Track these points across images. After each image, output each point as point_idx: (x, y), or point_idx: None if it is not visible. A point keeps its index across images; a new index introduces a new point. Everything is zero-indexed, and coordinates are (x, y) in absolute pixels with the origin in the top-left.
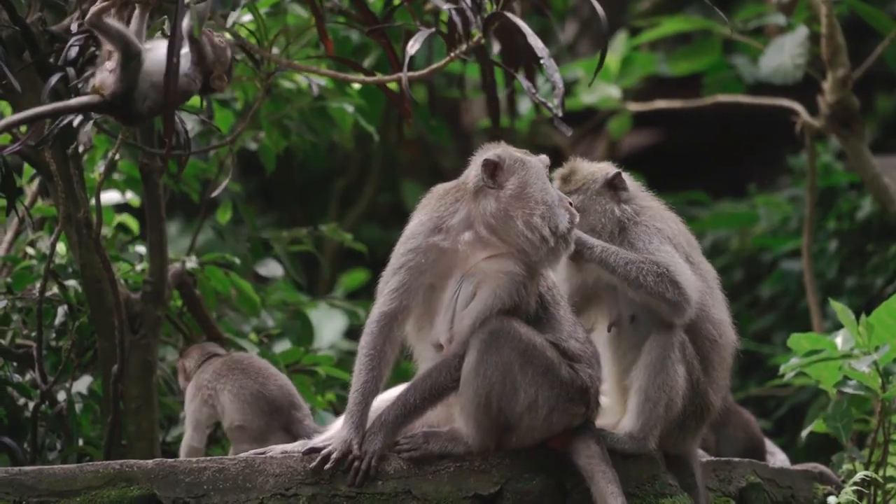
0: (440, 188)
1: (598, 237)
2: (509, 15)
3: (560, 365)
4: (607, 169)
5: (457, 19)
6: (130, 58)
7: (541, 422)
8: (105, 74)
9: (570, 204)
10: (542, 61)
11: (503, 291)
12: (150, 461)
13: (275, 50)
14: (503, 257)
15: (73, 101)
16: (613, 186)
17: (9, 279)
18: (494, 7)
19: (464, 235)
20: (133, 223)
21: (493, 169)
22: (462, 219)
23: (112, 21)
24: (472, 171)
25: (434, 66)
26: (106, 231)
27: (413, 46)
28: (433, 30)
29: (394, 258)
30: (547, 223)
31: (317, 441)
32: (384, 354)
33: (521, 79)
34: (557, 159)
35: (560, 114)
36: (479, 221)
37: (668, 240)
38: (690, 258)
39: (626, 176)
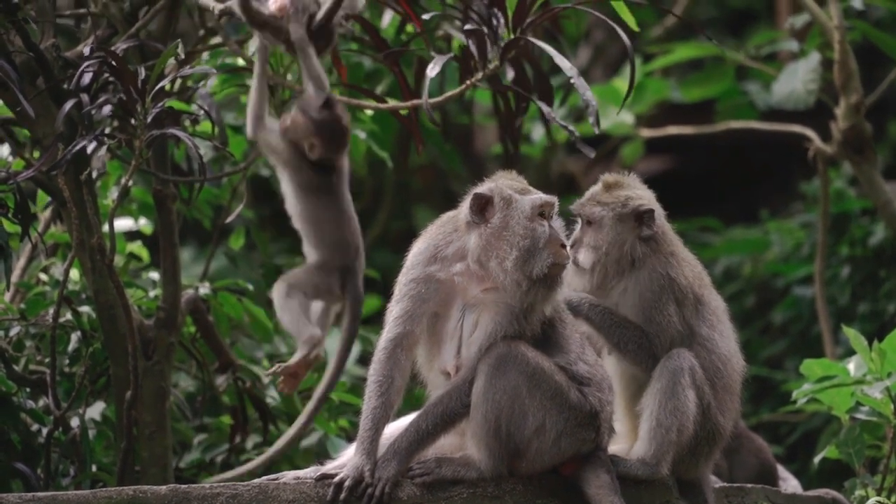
0: (444, 216)
1: (599, 259)
2: (531, 38)
3: (569, 389)
4: (643, 201)
5: (473, 47)
6: None
7: (549, 446)
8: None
9: (563, 246)
10: (572, 81)
11: (504, 320)
12: (163, 487)
13: (288, 76)
14: (498, 290)
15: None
16: (639, 220)
17: (22, 305)
18: (511, 35)
19: (456, 266)
20: (144, 253)
21: (482, 203)
22: (455, 250)
23: None
24: (466, 203)
25: (449, 93)
26: (118, 259)
27: (433, 70)
28: (451, 55)
29: (397, 288)
30: (520, 268)
31: (329, 467)
32: (393, 381)
33: (538, 103)
34: (570, 186)
35: (597, 130)
36: (470, 254)
37: (677, 293)
38: (700, 300)
39: (660, 217)
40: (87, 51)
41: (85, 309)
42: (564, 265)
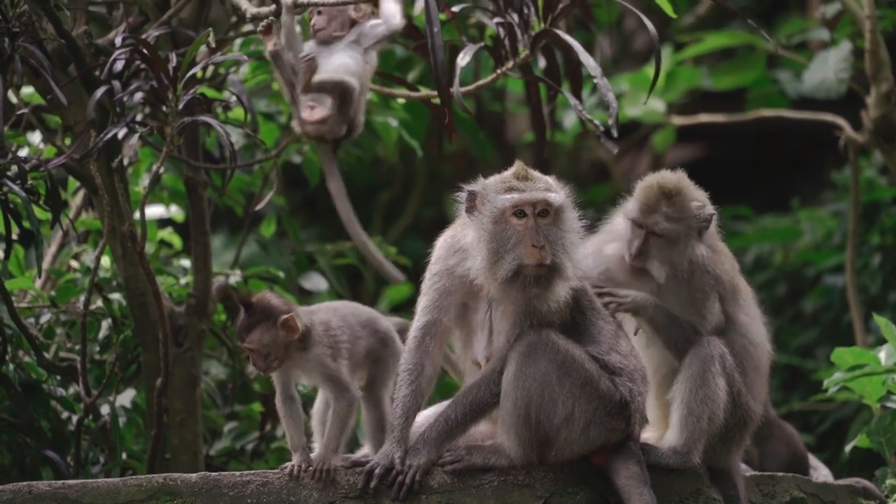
0: None
1: (673, 270)
2: (559, 32)
3: (599, 378)
4: (706, 208)
5: (504, 36)
6: (348, 97)
7: (578, 434)
8: (317, 127)
9: (540, 246)
10: (595, 80)
11: (527, 310)
12: (193, 475)
13: None
14: None
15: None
16: (703, 227)
17: (53, 292)
18: (542, 25)
19: (467, 262)
20: (176, 240)
21: (471, 199)
22: (468, 242)
23: (320, 76)
24: None
25: (481, 81)
26: (149, 247)
27: (463, 59)
28: (482, 44)
29: (425, 278)
30: (488, 269)
31: (359, 455)
32: (423, 369)
33: (567, 95)
34: (601, 173)
35: (615, 133)
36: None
37: (720, 289)
38: (737, 289)
39: None
40: (118, 38)
41: (116, 296)
42: (532, 265)
